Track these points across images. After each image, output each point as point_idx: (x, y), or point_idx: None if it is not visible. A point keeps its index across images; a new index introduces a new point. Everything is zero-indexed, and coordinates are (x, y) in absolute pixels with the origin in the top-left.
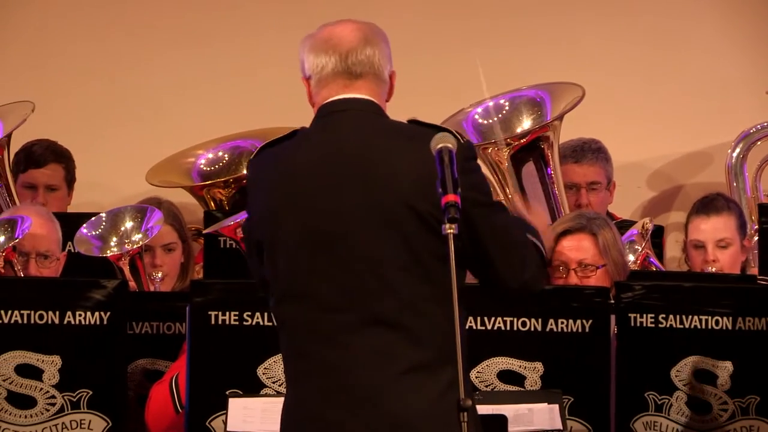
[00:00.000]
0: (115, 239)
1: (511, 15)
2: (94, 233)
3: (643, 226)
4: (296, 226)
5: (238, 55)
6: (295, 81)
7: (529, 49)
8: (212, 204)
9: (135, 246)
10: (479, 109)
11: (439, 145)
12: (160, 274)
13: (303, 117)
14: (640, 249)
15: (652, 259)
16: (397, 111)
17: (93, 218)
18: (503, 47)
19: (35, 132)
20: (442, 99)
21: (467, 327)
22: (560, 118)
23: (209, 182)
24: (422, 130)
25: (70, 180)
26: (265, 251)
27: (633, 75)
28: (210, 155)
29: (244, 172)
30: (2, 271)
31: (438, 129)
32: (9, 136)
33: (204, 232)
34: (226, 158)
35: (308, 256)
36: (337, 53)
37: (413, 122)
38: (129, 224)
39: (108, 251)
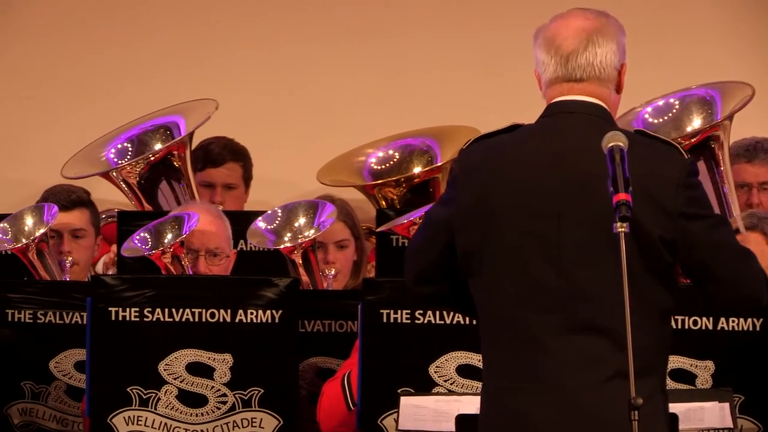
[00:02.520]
0: (288, 234)
1: (677, 11)
2: (268, 227)
3: None
4: (514, 222)
5: (410, 53)
6: (465, 80)
7: (697, 47)
8: (383, 203)
9: (308, 239)
10: (649, 109)
11: (611, 144)
12: (333, 271)
13: (473, 115)
14: None
15: None
16: None
17: (268, 212)
18: (671, 44)
19: (210, 129)
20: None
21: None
22: (730, 117)
23: (380, 181)
24: (646, 141)
25: (247, 178)
26: (467, 241)
27: None
28: (380, 154)
29: (415, 170)
30: (170, 266)
31: (664, 142)
32: (191, 135)
33: (376, 230)
34: (397, 157)
35: (522, 254)
36: (558, 55)
37: (639, 133)
38: (302, 220)
39: (282, 245)
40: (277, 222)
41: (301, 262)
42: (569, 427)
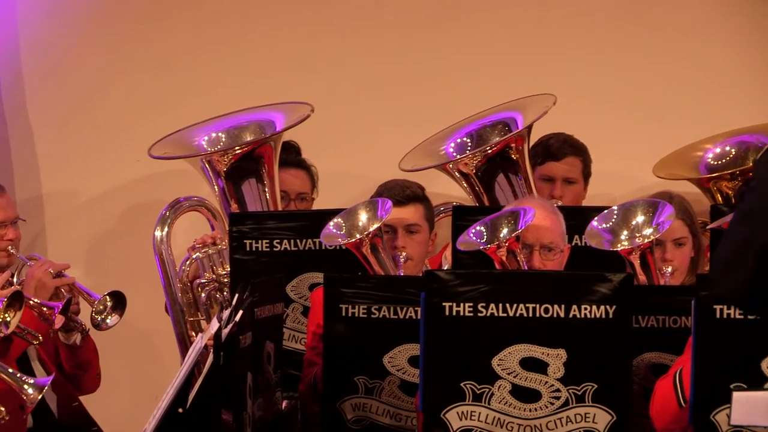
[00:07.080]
0: (625, 233)
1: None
2: (605, 226)
3: None
4: None
5: (731, 51)
6: None
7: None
8: (718, 196)
9: (646, 240)
10: None
11: None
12: (669, 269)
13: None
14: None
15: None
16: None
17: (605, 211)
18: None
19: (548, 125)
20: None
21: None
22: None
23: (716, 174)
24: None
25: (586, 174)
26: None
27: None
28: (717, 149)
29: (751, 164)
30: (505, 261)
31: None
32: (530, 128)
33: (708, 227)
34: (733, 152)
35: None
36: None
37: None
38: (640, 218)
39: (618, 245)
40: (613, 221)
41: (638, 260)
42: None
